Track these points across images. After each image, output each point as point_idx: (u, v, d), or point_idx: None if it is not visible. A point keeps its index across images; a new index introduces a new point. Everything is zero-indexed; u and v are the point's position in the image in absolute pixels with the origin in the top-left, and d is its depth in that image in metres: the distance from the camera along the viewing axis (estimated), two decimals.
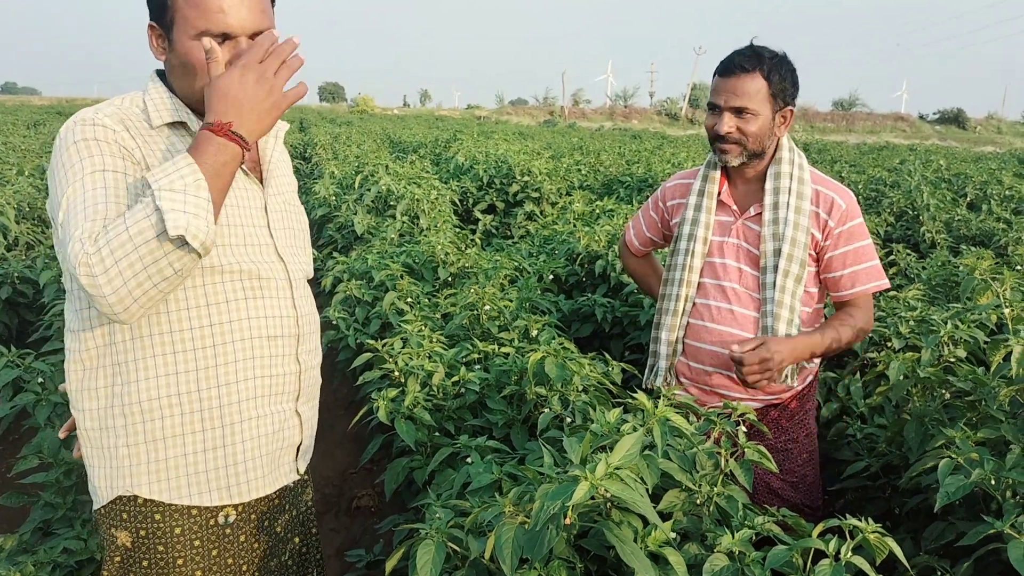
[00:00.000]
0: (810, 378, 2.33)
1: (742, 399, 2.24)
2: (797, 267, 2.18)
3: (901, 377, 2.31)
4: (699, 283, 2.34)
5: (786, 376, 2.19)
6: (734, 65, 2.15)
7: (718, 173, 2.32)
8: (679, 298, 2.35)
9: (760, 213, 2.24)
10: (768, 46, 2.21)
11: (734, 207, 2.31)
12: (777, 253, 2.19)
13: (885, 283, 2.23)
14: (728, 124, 2.17)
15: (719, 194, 2.32)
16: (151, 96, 1.59)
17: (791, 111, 2.21)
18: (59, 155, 1.49)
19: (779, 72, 2.15)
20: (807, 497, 2.31)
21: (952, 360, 2.49)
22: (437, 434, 2.44)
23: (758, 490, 2.23)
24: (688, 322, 2.35)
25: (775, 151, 2.25)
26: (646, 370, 2.48)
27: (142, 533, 1.60)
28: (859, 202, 8.38)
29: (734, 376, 2.25)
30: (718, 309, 2.29)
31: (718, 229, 2.32)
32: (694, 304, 2.34)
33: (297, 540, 1.84)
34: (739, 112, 2.16)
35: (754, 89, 2.13)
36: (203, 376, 1.58)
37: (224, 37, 1.53)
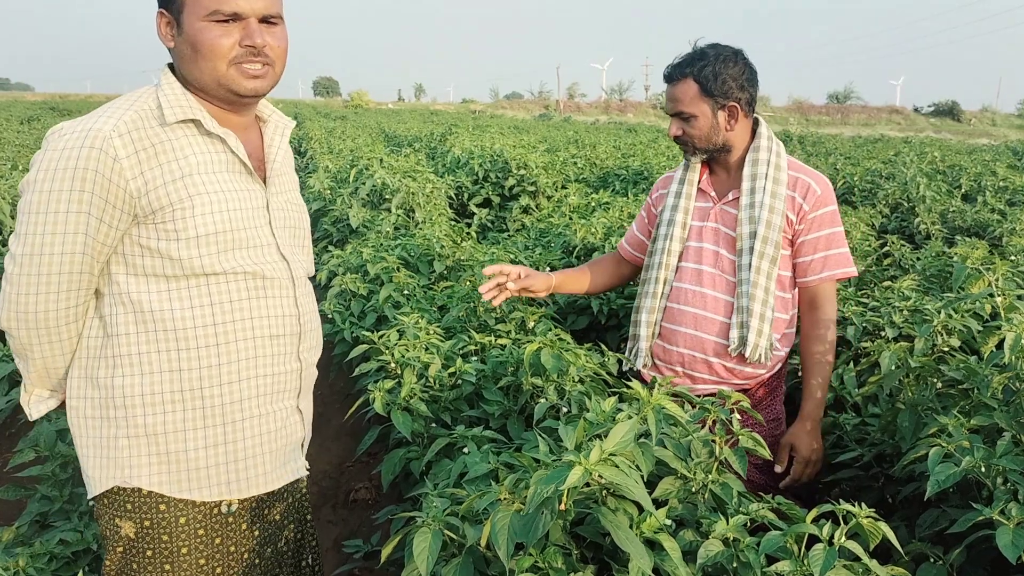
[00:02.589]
0: (779, 366, 2.38)
1: (710, 380, 2.33)
2: (772, 249, 2.23)
3: (893, 367, 2.31)
4: (679, 267, 2.41)
5: (760, 356, 2.24)
6: (668, 74, 2.31)
7: (699, 163, 2.41)
8: (657, 280, 2.44)
9: (738, 198, 2.30)
10: (714, 44, 2.27)
11: (712, 194, 2.39)
12: (753, 236, 2.24)
13: (853, 270, 2.28)
14: (675, 129, 2.33)
15: (699, 182, 2.41)
16: (165, 92, 1.58)
17: (735, 106, 2.25)
18: (53, 171, 1.47)
19: (711, 70, 2.22)
20: (774, 479, 2.33)
21: (946, 349, 2.50)
22: (434, 425, 2.44)
23: None
24: (666, 305, 2.42)
25: (752, 139, 2.32)
26: (627, 352, 2.55)
27: (146, 523, 1.61)
28: (855, 194, 8.32)
29: (706, 360, 2.32)
30: (692, 292, 2.36)
31: (697, 215, 2.40)
32: (672, 288, 2.41)
33: (292, 527, 1.86)
34: (680, 116, 2.30)
35: (686, 94, 2.26)
36: (206, 374, 1.59)
37: (234, 17, 1.54)
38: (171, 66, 1.64)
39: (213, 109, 1.63)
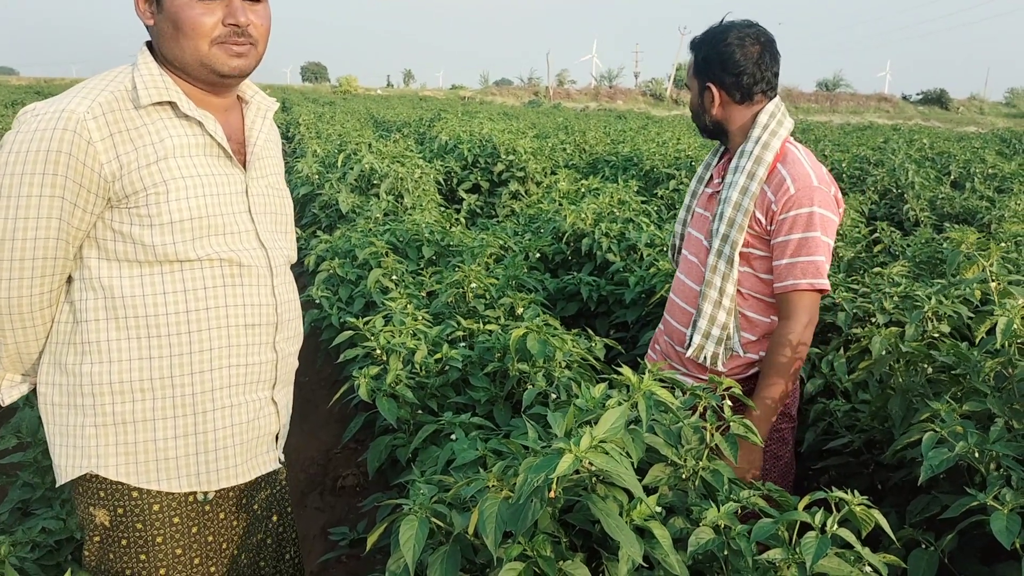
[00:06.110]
0: (754, 369, 2.18)
1: (684, 374, 2.27)
2: (729, 248, 2.10)
3: (884, 352, 2.30)
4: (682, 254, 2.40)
5: (704, 359, 2.16)
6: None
7: (722, 145, 2.34)
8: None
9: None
10: (739, 22, 2.17)
11: (717, 180, 2.30)
12: (716, 232, 2.14)
13: (822, 282, 2.03)
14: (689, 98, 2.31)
15: (714, 166, 2.34)
16: (141, 72, 1.53)
17: (710, 87, 2.14)
18: (25, 153, 1.42)
19: (703, 48, 2.17)
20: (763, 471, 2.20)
21: (936, 335, 2.49)
22: (420, 412, 2.41)
23: None
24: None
25: (751, 129, 2.14)
26: None
27: (119, 511, 1.57)
28: (844, 180, 8.25)
29: (674, 348, 2.31)
30: (678, 280, 2.35)
31: (703, 201, 2.34)
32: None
33: (275, 518, 1.82)
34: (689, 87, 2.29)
35: (689, 66, 2.25)
36: (177, 363, 1.55)
37: None
38: (150, 44, 1.59)
39: (192, 90, 1.58)
